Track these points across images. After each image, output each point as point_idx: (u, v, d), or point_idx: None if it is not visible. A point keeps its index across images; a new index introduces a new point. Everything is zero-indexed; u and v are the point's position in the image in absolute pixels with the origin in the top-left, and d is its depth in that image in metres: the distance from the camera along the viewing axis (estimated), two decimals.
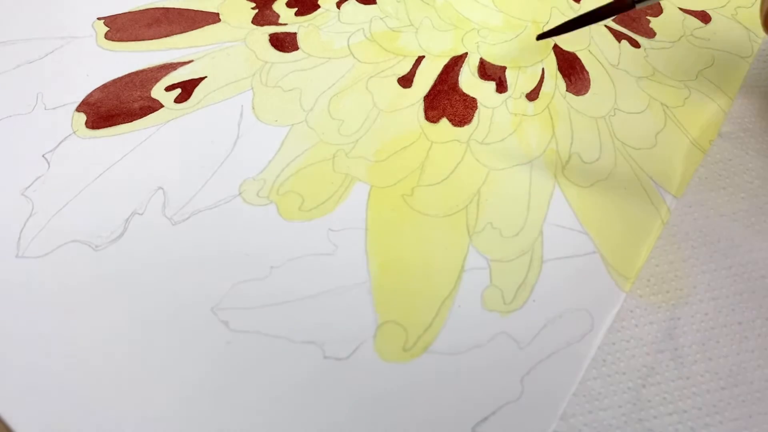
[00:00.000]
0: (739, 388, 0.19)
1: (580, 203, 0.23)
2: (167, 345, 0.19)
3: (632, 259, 0.21)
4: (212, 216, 0.22)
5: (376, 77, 0.27)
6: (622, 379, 0.19)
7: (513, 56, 0.28)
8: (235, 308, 0.20)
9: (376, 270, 0.21)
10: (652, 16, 0.31)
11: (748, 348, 0.19)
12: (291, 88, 0.26)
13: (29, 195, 0.22)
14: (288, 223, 0.22)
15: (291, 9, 0.29)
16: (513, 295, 0.20)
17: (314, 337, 0.19)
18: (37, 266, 0.20)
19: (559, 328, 0.20)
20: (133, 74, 0.26)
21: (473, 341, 0.19)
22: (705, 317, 0.20)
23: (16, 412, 0.17)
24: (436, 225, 0.22)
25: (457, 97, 0.26)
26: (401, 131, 0.25)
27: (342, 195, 0.22)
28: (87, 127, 0.24)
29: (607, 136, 0.25)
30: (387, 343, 0.19)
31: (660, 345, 0.19)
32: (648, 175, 0.24)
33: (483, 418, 0.18)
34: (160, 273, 0.20)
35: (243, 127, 0.24)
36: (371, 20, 0.29)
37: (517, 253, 0.21)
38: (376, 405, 0.18)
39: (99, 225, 0.21)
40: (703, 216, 0.22)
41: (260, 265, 0.20)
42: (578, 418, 0.18)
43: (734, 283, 0.21)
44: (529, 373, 0.19)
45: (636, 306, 0.20)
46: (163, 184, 0.22)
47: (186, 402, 0.18)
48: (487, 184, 0.23)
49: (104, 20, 0.28)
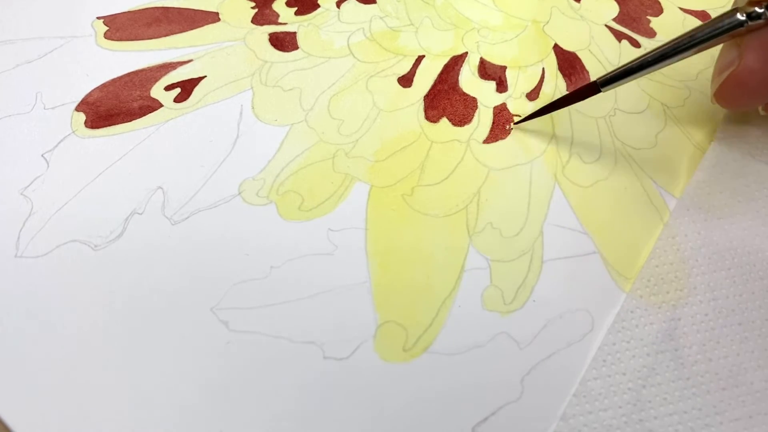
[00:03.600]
0: (740, 389, 0.19)
1: (580, 203, 0.23)
2: (167, 345, 0.19)
3: (632, 259, 0.21)
4: (212, 216, 0.22)
5: (376, 77, 0.27)
6: (622, 380, 0.19)
7: (513, 56, 0.28)
8: (234, 308, 0.20)
9: (376, 270, 0.21)
10: (652, 16, 0.31)
11: (748, 349, 0.19)
12: (291, 88, 0.26)
13: (28, 195, 0.22)
14: (288, 223, 0.22)
15: (291, 8, 0.29)
16: (513, 295, 0.20)
17: (314, 337, 0.19)
18: (36, 266, 0.20)
19: (560, 329, 0.20)
20: (132, 74, 0.26)
21: (473, 341, 0.19)
22: (705, 318, 0.20)
23: (15, 412, 0.17)
24: (436, 225, 0.22)
25: (457, 97, 0.26)
26: (401, 131, 0.25)
27: (342, 195, 0.22)
28: (86, 126, 0.24)
29: (608, 136, 0.25)
30: (387, 344, 0.19)
31: (660, 345, 0.19)
32: (648, 175, 0.24)
33: (483, 418, 0.18)
34: (159, 273, 0.20)
35: (242, 127, 0.24)
36: (371, 19, 0.29)
37: (517, 253, 0.21)
38: (376, 405, 0.18)
39: (98, 225, 0.21)
40: (702, 217, 0.22)
41: (260, 265, 0.20)
42: (578, 418, 0.18)
43: (734, 284, 0.21)
44: (529, 374, 0.19)
45: (636, 307, 0.20)
46: (163, 184, 0.22)
47: (186, 402, 0.18)
48: (487, 184, 0.23)
49: (104, 20, 0.28)
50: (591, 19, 0.30)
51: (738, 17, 0.20)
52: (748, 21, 0.20)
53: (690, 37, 0.21)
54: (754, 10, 0.20)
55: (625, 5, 0.31)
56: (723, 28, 0.20)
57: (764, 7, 0.20)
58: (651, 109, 0.26)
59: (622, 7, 0.31)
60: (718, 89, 0.21)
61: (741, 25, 0.20)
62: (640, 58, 0.21)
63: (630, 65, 0.22)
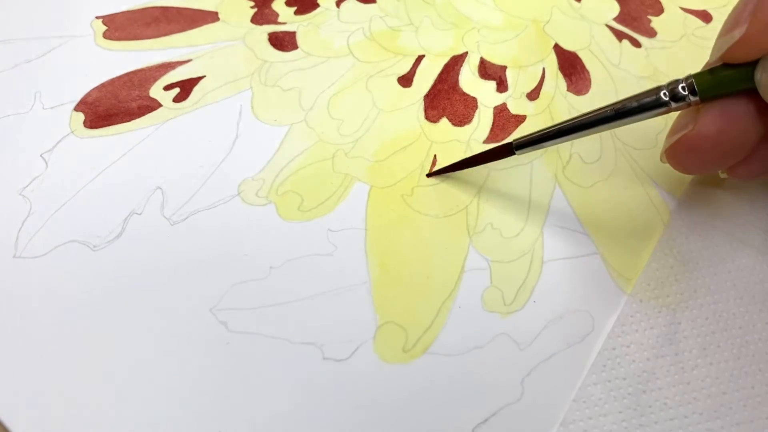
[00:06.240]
0: (741, 393, 0.19)
1: (580, 204, 0.23)
2: (166, 345, 0.19)
3: (633, 260, 0.21)
4: (211, 216, 0.22)
5: (375, 76, 0.26)
6: (622, 385, 0.19)
7: (513, 55, 0.28)
8: (234, 309, 0.20)
9: (375, 270, 0.21)
10: (653, 16, 0.31)
11: (749, 352, 0.19)
12: (290, 88, 0.26)
13: (27, 195, 0.22)
14: (287, 223, 0.21)
15: (290, 8, 0.29)
16: (513, 296, 0.20)
17: (313, 338, 0.19)
18: (35, 266, 0.20)
19: (560, 329, 0.20)
20: (131, 73, 0.26)
21: (473, 342, 0.19)
22: (706, 322, 0.20)
23: (14, 413, 0.17)
24: (436, 225, 0.22)
25: (457, 97, 0.26)
26: (401, 131, 0.25)
27: (341, 195, 0.22)
28: (85, 126, 0.24)
29: (608, 137, 0.25)
30: (387, 344, 0.19)
31: (660, 350, 0.19)
32: (648, 175, 0.24)
33: (483, 419, 0.18)
34: (158, 273, 0.20)
35: (242, 127, 0.24)
36: (371, 19, 0.29)
37: (518, 254, 0.21)
38: (375, 406, 0.18)
39: (97, 225, 0.21)
40: (702, 219, 0.22)
41: (259, 266, 0.20)
42: (578, 423, 0.18)
43: (735, 287, 0.21)
44: (529, 375, 0.19)
45: (636, 311, 0.20)
46: (162, 184, 0.22)
47: (185, 403, 0.18)
48: (487, 184, 0.23)
49: (102, 19, 0.28)
50: (591, 19, 0.30)
51: (661, 97, 0.19)
52: (671, 102, 0.19)
53: (614, 110, 0.19)
54: (678, 91, 0.19)
55: (626, 5, 0.31)
56: (646, 105, 0.19)
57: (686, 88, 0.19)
58: None
59: (622, 7, 0.31)
60: (669, 149, 0.20)
61: (665, 104, 0.19)
62: (558, 125, 0.20)
63: (548, 131, 0.20)
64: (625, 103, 0.19)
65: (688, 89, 0.19)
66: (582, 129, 0.20)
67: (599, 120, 0.20)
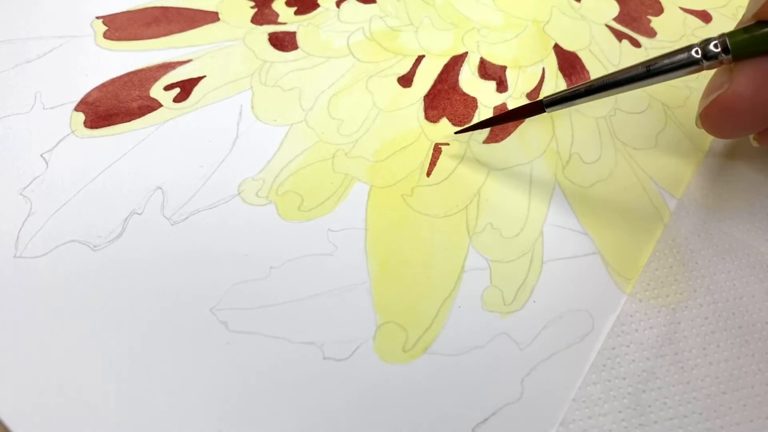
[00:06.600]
0: (740, 393, 0.19)
1: (580, 204, 0.23)
2: (166, 345, 0.19)
3: (633, 260, 0.21)
4: (211, 216, 0.22)
5: (375, 76, 0.26)
6: (622, 384, 0.19)
7: (513, 55, 0.28)
8: (234, 309, 0.20)
9: (375, 270, 0.21)
10: (653, 16, 0.31)
11: (748, 352, 0.19)
12: (290, 88, 0.26)
13: (27, 195, 0.22)
14: (287, 223, 0.22)
15: (290, 8, 0.29)
16: (513, 296, 0.20)
17: (314, 338, 0.19)
18: (35, 266, 0.20)
19: (560, 329, 0.20)
20: (131, 73, 0.26)
21: (473, 342, 0.19)
22: (705, 321, 0.20)
23: (14, 413, 0.17)
24: (436, 225, 0.22)
25: (457, 97, 0.26)
26: (401, 131, 0.25)
27: (341, 195, 0.22)
28: (85, 126, 0.24)
29: (608, 137, 0.25)
30: (387, 344, 0.19)
31: (660, 349, 0.19)
32: (648, 175, 0.24)
33: (483, 419, 0.18)
34: (158, 273, 0.20)
35: (242, 127, 0.24)
36: (371, 19, 0.29)
37: (518, 254, 0.21)
38: (375, 406, 0.18)
39: (97, 225, 0.21)
40: (702, 219, 0.22)
41: (259, 266, 0.20)
42: (578, 423, 0.18)
43: (734, 287, 0.21)
44: (529, 374, 0.19)
45: (636, 310, 0.20)
46: (162, 184, 0.22)
47: (185, 403, 0.18)
48: (487, 184, 0.23)
49: (103, 19, 0.28)
50: (591, 19, 0.30)
51: (693, 54, 0.19)
52: (703, 60, 0.19)
53: (645, 67, 0.20)
54: (710, 50, 0.19)
55: (626, 5, 0.31)
56: (678, 63, 0.19)
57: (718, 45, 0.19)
58: (651, 109, 0.26)
59: (622, 7, 0.31)
60: (704, 111, 0.20)
61: (696, 62, 0.19)
62: (588, 83, 0.21)
63: (578, 89, 0.21)
64: (656, 61, 0.20)
65: (720, 47, 0.19)
66: (613, 87, 0.20)
67: (630, 78, 0.20)
